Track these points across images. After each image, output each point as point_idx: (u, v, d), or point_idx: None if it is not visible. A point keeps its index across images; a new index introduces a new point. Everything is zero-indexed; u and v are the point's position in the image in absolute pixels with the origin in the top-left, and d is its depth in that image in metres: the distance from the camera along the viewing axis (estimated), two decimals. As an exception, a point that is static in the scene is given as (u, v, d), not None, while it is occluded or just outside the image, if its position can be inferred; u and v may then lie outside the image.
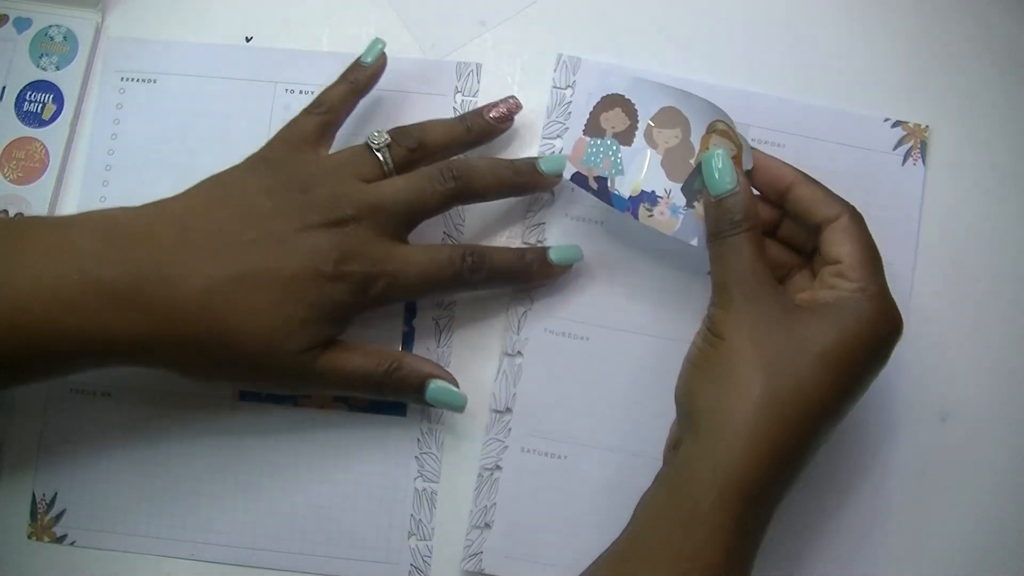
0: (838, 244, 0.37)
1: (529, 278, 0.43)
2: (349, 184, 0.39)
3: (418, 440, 0.43)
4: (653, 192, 0.41)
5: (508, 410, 0.43)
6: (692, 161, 0.41)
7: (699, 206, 0.41)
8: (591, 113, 0.42)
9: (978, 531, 0.43)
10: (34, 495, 0.43)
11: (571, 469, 0.43)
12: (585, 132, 0.42)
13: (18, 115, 0.46)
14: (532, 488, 0.43)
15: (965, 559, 0.43)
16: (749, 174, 0.40)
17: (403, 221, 0.39)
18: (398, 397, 0.42)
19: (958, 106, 0.46)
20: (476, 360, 0.44)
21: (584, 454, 0.43)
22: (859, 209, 0.38)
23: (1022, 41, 0.46)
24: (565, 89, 0.46)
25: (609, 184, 0.42)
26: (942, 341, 0.44)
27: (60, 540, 0.43)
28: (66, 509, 0.43)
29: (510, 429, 0.43)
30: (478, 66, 0.46)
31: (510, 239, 0.45)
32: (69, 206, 0.45)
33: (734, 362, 0.36)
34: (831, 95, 0.46)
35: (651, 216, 0.41)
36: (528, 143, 0.46)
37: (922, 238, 0.44)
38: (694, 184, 0.41)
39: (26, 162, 0.45)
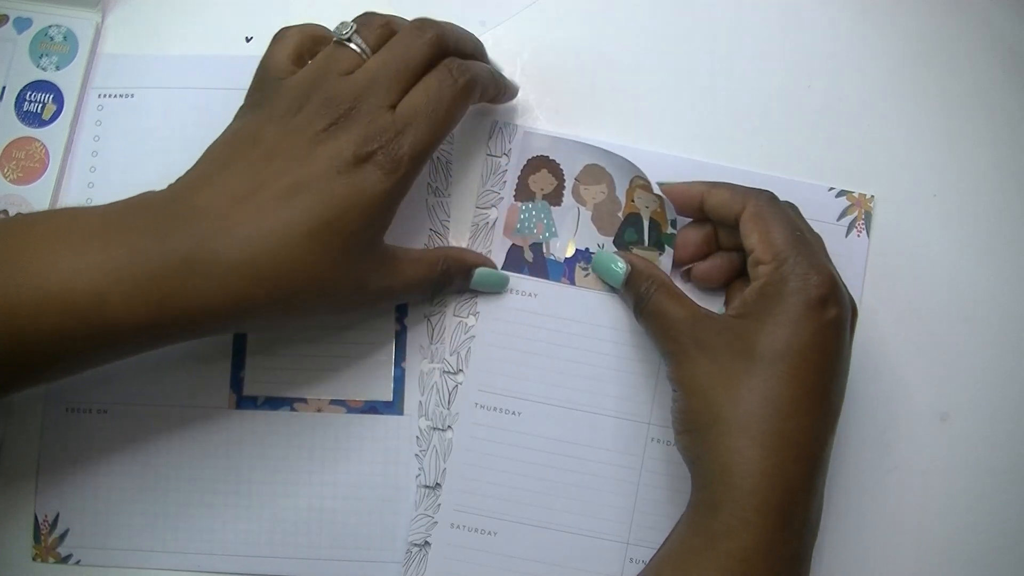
0: (748, 234, 0.38)
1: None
2: (335, 82, 0.37)
3: (417, 438, 0.43)
4: (587, 249, 0.43)
5: (437, 485, 0.43)
6: (620, 214, 0.44)
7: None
8: (519, 177, 0.44)
9: (978, 531, 0.43)
10: (36, 517, 0.43)
11: (501, 545, 0.42)
12: (516, 197, 0.44)
13: (18, 115, 0.46)
14: (462, 565, 0.42)
15: (965, 559, 0.43)
16: (676, 223, 0.43)
17: (398, 87, 0.38)
18: (448, 292, 0.43)
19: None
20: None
21: (514, 530, 0.42)
22: None
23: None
24: (500, 157, 0.45)
25: (544, 249, 0.43)
26: (942, 341, 0.44)
27: (65, 560, 0.43)
28: (69, 529, 0.43)
29: (439, 505, 0.43)
30: None
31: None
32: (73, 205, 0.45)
33: (697, 408, 0.36)
34: (779, 164, 0.45)
35: (588, 275, 0.43)
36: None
37: (862, 313, 0.40)
38: (624, 236, 0.43)
39: (26, 162, 0.45)
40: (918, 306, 0.44)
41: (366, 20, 0.39)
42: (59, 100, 0.46)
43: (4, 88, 0.46)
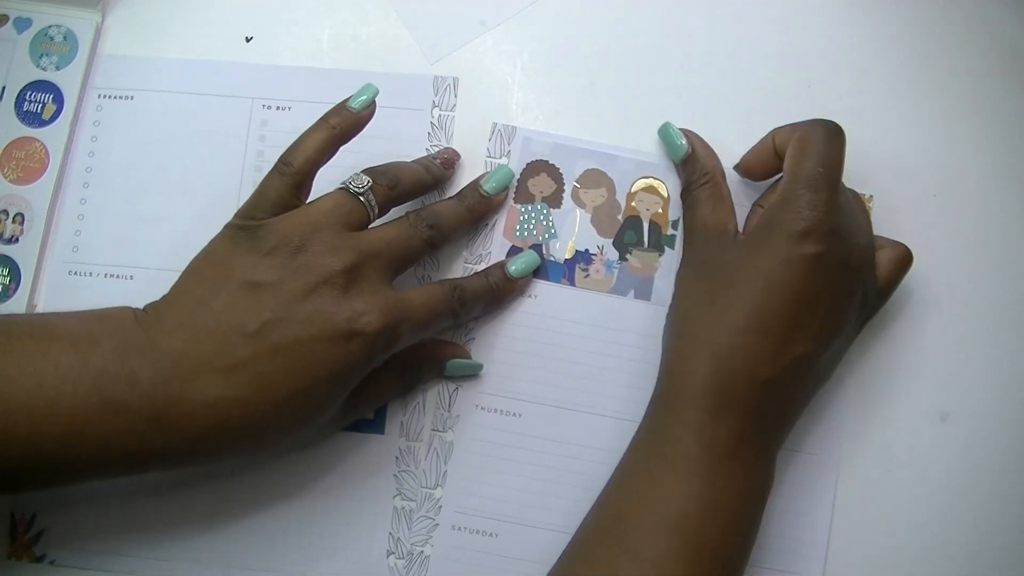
0: (788, 156, 0.39)
1: (497, 298, 0.42)
2: (340, 236, 0.37)
3: (396, 458, 0.43)
4: (587, 251, 0.44)
5: (438, 487, 0.43)
6: (619, 217, 0.44)
7: (632, 259, 0.44)
8: (518, 180, 0.44)
9: (978, 531, 0.43)
10: (13, 516, 0.43)
11: (503, 547, 0.42)
12: (515, 200, 0.44)
13: (18, 115, 0.46)
14: (464, 567, 0.42)
15: (965, 559, 0.43)
16: (676, 224, 0.44)
17: (395, 269, 0.38)
18: (421, 385, 0.44)
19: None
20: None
21: (516, 532, 0.42)
22: None
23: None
24: (500, 159, 0.45)
25: (544, 250, 0.44)
26: (942, 341, 0.44)
27: (40, 560, 0.43)
28: (45, 529, 0.43)
29: (440, 507, 0.42)
30: (455, 80, 0.46)
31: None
32: (68, 207, 0.45)
33: (678, 309, 0.40)
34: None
35: (587, 276, 0.44)
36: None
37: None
38: (624, 238, 0.44)
39: (26, 162, 0.45)
40: (918, 306, 0.44)
41: (378, 176, 0.39)
42: (59, 100, 0.46)
43: (4, 88, 0.46)
